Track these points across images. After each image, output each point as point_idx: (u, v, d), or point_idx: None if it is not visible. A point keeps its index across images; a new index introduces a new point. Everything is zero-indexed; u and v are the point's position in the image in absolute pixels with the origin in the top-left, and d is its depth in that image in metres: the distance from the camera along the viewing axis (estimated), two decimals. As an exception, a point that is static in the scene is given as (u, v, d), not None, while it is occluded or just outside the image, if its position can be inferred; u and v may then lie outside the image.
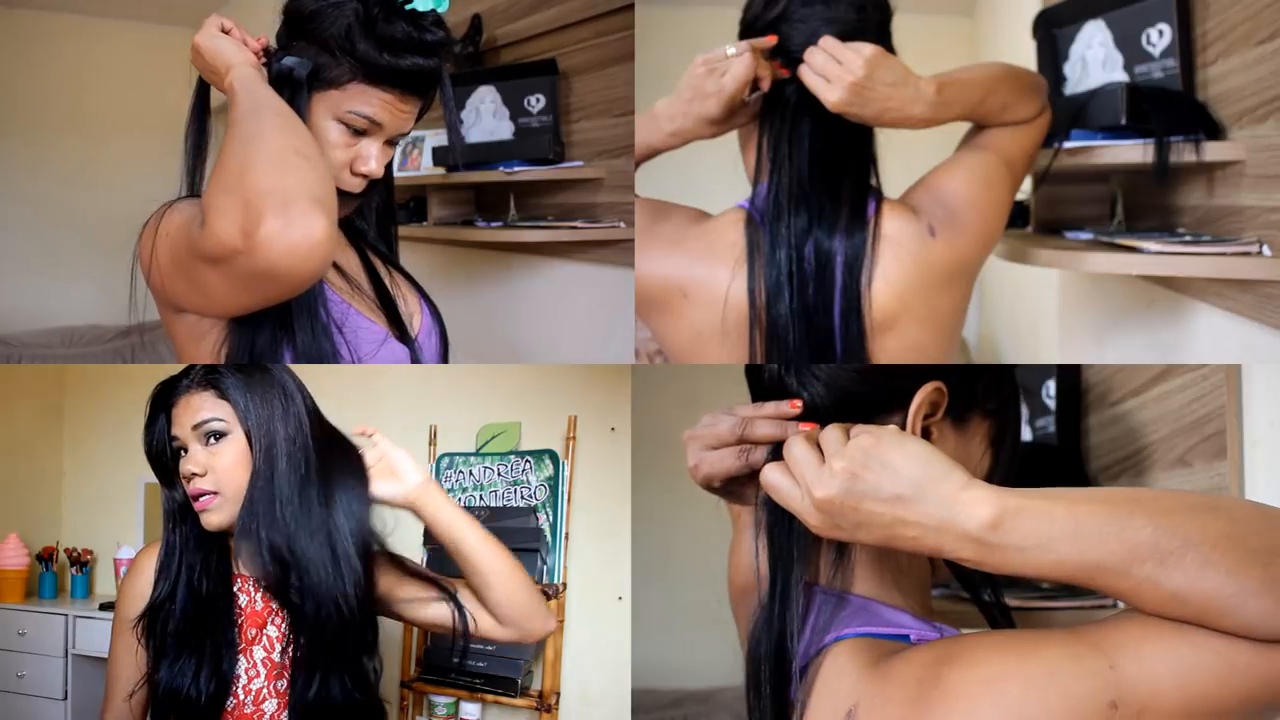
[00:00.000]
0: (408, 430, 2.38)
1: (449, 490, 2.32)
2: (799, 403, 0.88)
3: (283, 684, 1.23)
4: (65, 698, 2.67)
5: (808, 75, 1.26)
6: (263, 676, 1.23)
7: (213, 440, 1.21)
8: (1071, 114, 1.50)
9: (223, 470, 1.20)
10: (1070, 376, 1.96)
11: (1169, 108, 1.45)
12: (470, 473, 2.30)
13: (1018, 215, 1.89)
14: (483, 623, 1.30)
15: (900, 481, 0.77)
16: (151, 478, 1.25)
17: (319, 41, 1.17)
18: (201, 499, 1.20)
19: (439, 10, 1.18)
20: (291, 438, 1.22)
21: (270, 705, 1.23)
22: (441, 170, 2.73)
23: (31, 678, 2.70)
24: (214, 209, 1.03)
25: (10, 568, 2.81)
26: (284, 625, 1.24)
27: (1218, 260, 1.37)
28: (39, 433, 2.97)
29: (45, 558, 2.88)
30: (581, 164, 2.50)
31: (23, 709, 2.69)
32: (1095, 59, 1.58)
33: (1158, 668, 0.72)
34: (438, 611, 1.29)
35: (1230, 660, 0.71)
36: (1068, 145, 1.48)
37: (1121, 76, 1.55)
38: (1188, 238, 1.48)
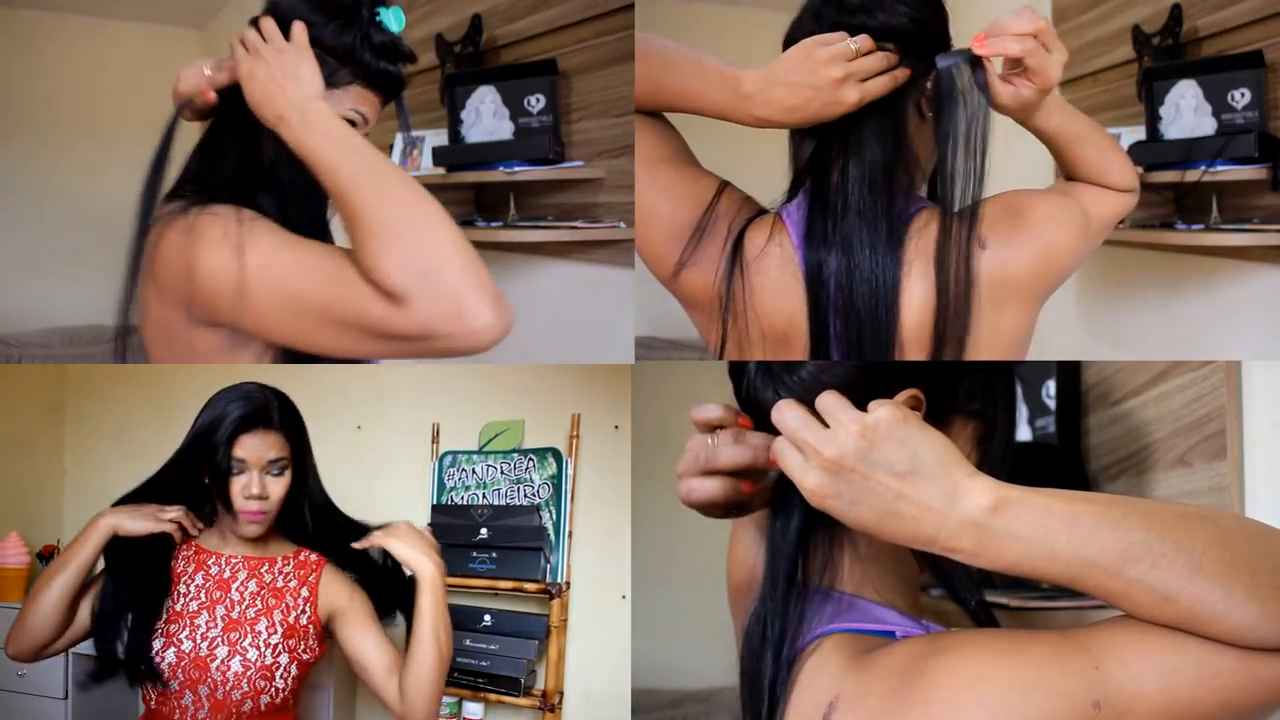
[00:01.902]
0: (410, 428, 2.38)
1: (452, 488, 2.32)
2: (749, 420, 0.91)
3: (235, 635, 1.49)
4: (65, 697, 2.67)
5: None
6: (220, 627, 1.50)
7: (274, 472, 1.51)
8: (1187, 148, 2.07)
9: (276, 496, 1.52)
10: (1070, 375, 1.97)
11: None
12: (473, 470, 2.30)
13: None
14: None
15: (916, 461, 0.77)
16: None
17: (319, 44, 1.20)
18: (255, 514, 1.51)
19: (399, 29, 1.27)
20: (315, 468, 1.60)
21: (222, 651, 1.48)
22: (442, 170, 2.73)
23: (32, 677, 2.69)
24: (416, 295, 1.05)
25: (11, 566, 2.81)
26: (248, 588, 1.53)
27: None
28: (40, 431, 2.97)
29: (46, 556, 2.88)
30: (581, 164, 2.50)
31: (23, 708, 2.69)
32: (1188, 107, 2.14)
33: (1143, 670, 0.73)
34: (361, 649, 1.53)
35: (1214, 665, 0.73)
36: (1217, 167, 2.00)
37: (1211, 122, 2.11)
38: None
